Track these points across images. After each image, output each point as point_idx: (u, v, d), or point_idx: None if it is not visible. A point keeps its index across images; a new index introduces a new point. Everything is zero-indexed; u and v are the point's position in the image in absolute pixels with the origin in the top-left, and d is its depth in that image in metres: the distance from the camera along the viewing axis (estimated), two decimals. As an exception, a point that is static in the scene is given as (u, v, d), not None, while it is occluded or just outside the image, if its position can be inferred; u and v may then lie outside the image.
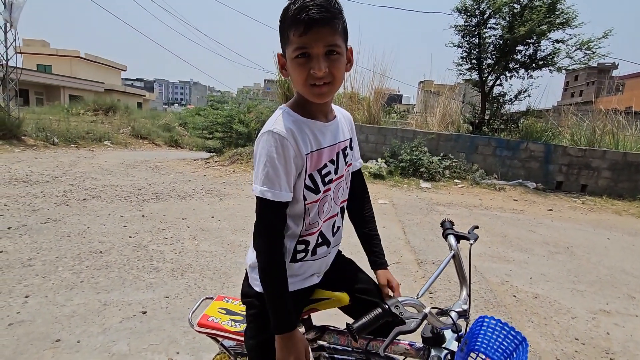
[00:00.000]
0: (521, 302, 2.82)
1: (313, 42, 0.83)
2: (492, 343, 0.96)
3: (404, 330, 0.76)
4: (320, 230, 1.03)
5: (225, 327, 1.23)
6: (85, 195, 5.12)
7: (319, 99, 0.91)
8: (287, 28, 0.86)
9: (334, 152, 1.00)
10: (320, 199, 0.98)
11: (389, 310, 0.76)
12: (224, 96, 16.10)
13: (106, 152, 11.20)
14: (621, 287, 3.25)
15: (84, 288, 2.52)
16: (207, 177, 7.59)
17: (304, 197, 0.95)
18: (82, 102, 18.91)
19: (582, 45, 8.10)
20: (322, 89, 0.88)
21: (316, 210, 0.99)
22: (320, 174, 0.96)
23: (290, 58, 0.88)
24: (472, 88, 9.88)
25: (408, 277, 3.11)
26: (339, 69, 0.88)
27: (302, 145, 0.90)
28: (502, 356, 0.93)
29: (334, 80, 0.89)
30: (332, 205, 1.04)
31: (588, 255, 4.12)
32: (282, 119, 0.90)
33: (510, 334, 0.93)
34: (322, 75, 0.85)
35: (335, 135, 1.01)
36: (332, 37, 0.85)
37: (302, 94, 0.93)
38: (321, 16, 0.81)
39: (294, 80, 0.91)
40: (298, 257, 1.01)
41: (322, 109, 0.99)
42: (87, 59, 30.36)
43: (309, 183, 0.94)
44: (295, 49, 0.85)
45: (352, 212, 1.24)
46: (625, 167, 7.91)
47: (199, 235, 3.82)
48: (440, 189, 7.50)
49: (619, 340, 2.37)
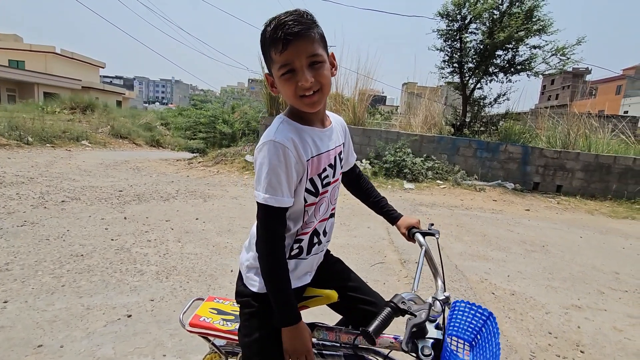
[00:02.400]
0: (499, 299, 2.93)
1: (294, 57, 0.87)
2: (462, 324, 1.05)
3: (417, 322, 0.81)
4: (315, 229, 1.08)
5: (217, 326, 1.25)
6: (63, 197, 4.98)
7: (312, 108, 0.95)
8: (267, 49, 0.91)
9: (332, 156, 1.06)
10: (318, 200, 1.04)
11: (397, 307, 0.81)
12: (207, 95, 15.90)
13: (84, 152, 10.88)
14: (592, 283, 3.43)
15: (66, 292, 2.47)
16: (191, 178, 7.50)
17: (304, 200, 1.00)
18: (57, 99, 18.26)
19: (558, 51, 8.45)
20: (312, 98, 0.93)
21: (313, 210, 1.04)
22: (320, 177, 1.01)
23: (277, 77, 0.93)
24: (454, 91, 10.13)
25: (392, 277, 3.19)
26: (325, 76, 0.92)
27: (302, 152, 0.94)
28: (472, 334, 1.02)
29: (322, 87, 0.93)
30: (328, 206, 1.10)
31: (562, 253, 4.31)
32: (282, 128, 0.94)
33: (478, 312, 1.02)
34: (309, 86, 0.89)
35: (332, 140, 1.07)
36: (311, 48, 0.89)
37: (293, 104, 0.97)
38: (297, 30, 0.85)
39: (285, 96, 0.95)
40: (293, 253, 1.05)
41: (318, 116, 1.04)
42: (63, 55, 29.27)
43: (309, 187, 0.99)
44: (279, 68, 0.90)
45: (355, 191, 1.39)
46: (597, 168, 8.30)
47: (184, 237, 3.79)
48: (423, 189, 7.66)
49: (588, 333, 2.51)
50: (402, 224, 1.29)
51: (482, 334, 1.00)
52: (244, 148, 9.41)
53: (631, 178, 8.17)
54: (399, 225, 1.30)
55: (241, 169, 8.30)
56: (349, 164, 1.29)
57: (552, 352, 2.24)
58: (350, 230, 4.46)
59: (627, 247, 4.84)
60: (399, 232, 1.30)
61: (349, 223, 4.72)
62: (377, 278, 3.12)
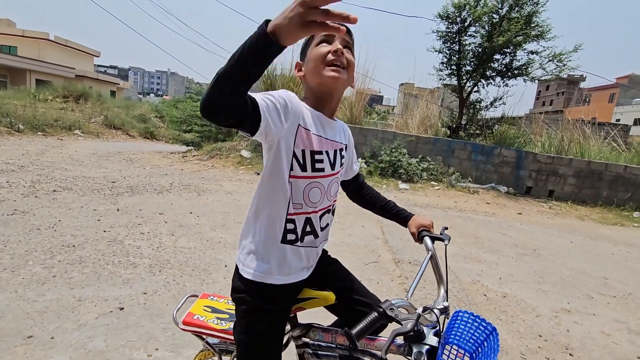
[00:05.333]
0: (491, 301, 2.97)
1: (334, 36, 0.98)
2: (464, 335, 1.03)
3: (401, 332, 0.79)
4: (309, 217, 1.04)
5: (211, 325, 1.24)
6: (55, 187, 4.90)
7: (332, 80, 0.98)
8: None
9: (332, 146, 1.05)
10: (308, 182, 1.00)
11: (384, 314, 0.80)
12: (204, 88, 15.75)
13: (76, 142, 10.72)
14: (581, 288, 3.48)
15: (57, 283, 2.44)
16: (185, 172, 7.44)
17: (290, 167, 0.96)
18: (50, 87, 17.92)
19: (555, 57, 8.53)
20: (338, 70, 0.98)
21: (302, 191, 1.00)
22: (312, 156, 0.99)
23: (312, 48, 1.01)
24: (451, 93, 10.18)
25: (386, 276, 3.20)
26: (352, 62, 1.02)
27: (303, 118, 0.97)
28: (473, 346, 1.01)
29: (348, 69, 1.00)
30: (323, 198, 1.06)
31: (553, 257, 4.37)
32: (297, 97, 0.98)
33: (482, 325, 1.01)
34: (340, 53, 0.97)
35: (334, 133, 1.08)
36: (348, 38, 1.03)
37: (317, 78, 1.00)
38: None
39: (312, 64, 1.00)
40: (288, 237, 1.02)
41: (329, 105, 1.06)
42: (56, 42, 28.70)
43: (298, 154, 0.97)
44: (319, 38, 1.00)
45: (361, 201, 1.39)
46: (589, 174, 8.42)
47: (177, 230, 3.76)
48: (417, 190, 7.70)
49: (577, 337, 2.55)
50: (413, 224, 1.25)
51: (483, 348, 1.00)
52: (239, 143, 9.35)
53: (621, 185, 8.31)
54: (410, 225, 1.26)
55: (236, 164, 8.26)
56: (353, 172, 1.30)
57: (542, 354, 2.28)
58: (345, 229, 4.47)
59: (615, 253, 4.92)
60: (409, 232, 1.26)
61: (344, 222, 4.73)
62: (371, 277, 3.13)
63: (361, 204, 1.39)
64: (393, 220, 1.32)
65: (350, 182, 1.33)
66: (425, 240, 1.19)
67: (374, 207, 1.35)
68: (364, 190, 1.37)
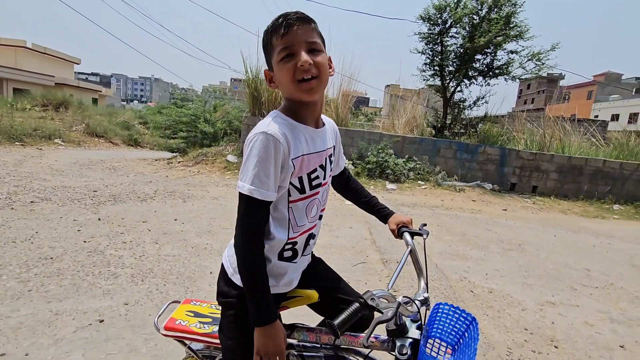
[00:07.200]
0: (477, 297, 2.99)
1: (294, 40, 0.90)
2: (446, 327, 1.05)
3: (383, 319, 0.80)
4: (311, 233, 1.08)
5: (193, 329, 1.21)
6: (32, 198, 4.74)
7: (309, 95, 0.94)
8: (269, 38, 0.94)
9: (323, 158, 1.05)
10: (309, 201, 1.02)
11: (365, 304, 0.80)
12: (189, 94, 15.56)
13: (57, 151, 10.43)
14: (565, 280, 3.54)
15: (33, 297, 2.34)
16: (170, 178, 7.31)
17: (288, 194, 0.97)
18: (28, 96, 17.41)
19: (533, 56, 8.74)
20: (310, 83, 0.92)
21: (304, 211, 1.02)
22: (309, 177, 1.00)
23: (276, 63, 0.93)
24: (435, 93, 10.32)
25: (374, 276, 3.19)
26: (323, 65, 0.93)
27: (292, 149, 0.93)
28: (455, 338, 1.03)
29: (320, 75, 0.93)
30: (318, 209, 1.09)
31: (537, 251, 4.45)
32: (276, 122, 0.93)
33: (462, 317, 1.02)
34: (307, 67, 0.89)
35: (323, 142, 1.06)
36: (310, 35, 0.92)
37: (292, 95, 0.95)
38: (298, 16, 0.91)
39: (282, 82, 0.94)
40: (285, 255, 1.03)
41: (313, 115, 1.02)
42: (34, 50, 27.99)
43: (295, 183, 0.97)
44: (279, 51, 0.91)
45: (346, 193, 1.37)
46: (570, 170, 8.63)
47: (161, 238, 3.68)
48: (405, 190, 7.75)
49: (562, 328, 2.59)
50: (393, 221, 1.26)
51: (464, 339, 1.01)
52: (225, 148, 9.25)
53: (601, 179, 8.54)
54: (390, 222, 1.27)
55: (222, 169, 8.16)
56: (339, 167, 1.29)
57: (528, 347, 2.30)
58: (333, 230, 4.45)
59: (597, 245, 5.04)
60: (389, 228, 1.27)
61: (332, 223, 4.71)
62: (359, 278, 3.12)
63: (346, 197, 1.39)
64: (374, 215, 1.34)
65: (337, 176, 1.33)
66: (405, 236, 1.21)
67: (358, 201, 1.36)
68: (350, 183, 1.37)
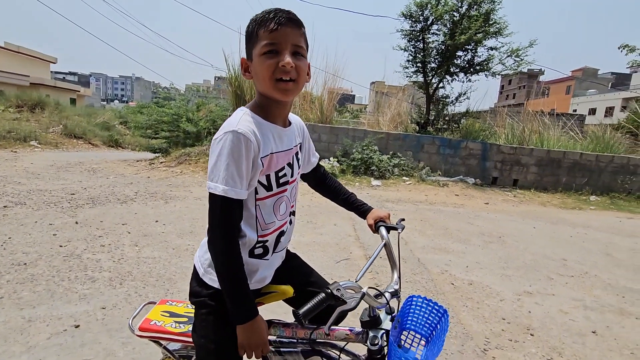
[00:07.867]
0: (458, 289, 3.04)
1: (282, 39, 0.89)
2: (420, 319, 1.08)
3: (345, 308, 0.81)
4: (282, 230, 1.08)
5: (169, 329, 1.20)
6: (5, 202, 4.58)
7: (284, 96, 0.94)
8: (256, 28, 0.91)
9: (290, 156, 1.05)
10: (276, 198, 1.02)
11: (331, 294, 0.81)
12: (171, 93, 15.27)
13: (33, 154, 10.10)
14: (542, 270, 3.65)
15: (4, 305, 2.27)
16: (151, 179, 7.17)
17: (255, 192, 0.97)
18: (2, 97, 16.78)
19: (512, 52, 8.93)
20: (288, 84, 0.91)
21: (272, 209, 1.02)
22: (277, 175, 1.00)
23: (257, 55, 0.91)
24: (418, 90, 10.43)
25: (357, 272, 3.21)
26: (303, 69, 0.94)
27: (262, 148, 0.93)
28: (429, 330, 1.05)
29: (299, 79, 0.93)
30: (287, 206, 1.09)
31: (517, 243, 4.56)
32: (245, 120, 0.92)
33: (435, 309, 1.05)
34: (289, 69, 0.89)
35: (290, 140, 1.06)
36: (298, 38, 0.92)
37: (266, 92, 0.94)
38: (290, 18, 0.91)
39: (260, 76, 0.93)
40: (256, 252, 1.03)
41: (281, 114, 1.02)
42: (7, 49, 26.95)
43: (263, 180, 0.97)
44: (264, 45, 0.89)
45: (323, 191, 1.37)
46: (549, 163, 8.87)
47: (141, 240, 3.61)
48: (389, 186, 7.82)
49: (538, 317, 2.66)
50: (371, 216, 1.28)
51: (437, 331, 1.03)
52: (209, 147, 9.13)
53: (578, 171, 8.81)
54: (368, 217, 1.29)
55: (206, 169, 8.02)
56: (311, 164, 1.28)
57: (505, 337, 2.36)
58: (317, 228, 4.46)
59: (574, 235, 5.21)
60: (367, 224, 1.29)
61: (316, 221, 4.72)
62: (342, 274, 3.13)
63: (323, 194, 1.39)
64: (354, 212, 1.35)
65: (310, 174, 1.32)
66: (381, 230, 1.24)
67: (336, 198, 1.36)
68: (327, 180, 1.36)
